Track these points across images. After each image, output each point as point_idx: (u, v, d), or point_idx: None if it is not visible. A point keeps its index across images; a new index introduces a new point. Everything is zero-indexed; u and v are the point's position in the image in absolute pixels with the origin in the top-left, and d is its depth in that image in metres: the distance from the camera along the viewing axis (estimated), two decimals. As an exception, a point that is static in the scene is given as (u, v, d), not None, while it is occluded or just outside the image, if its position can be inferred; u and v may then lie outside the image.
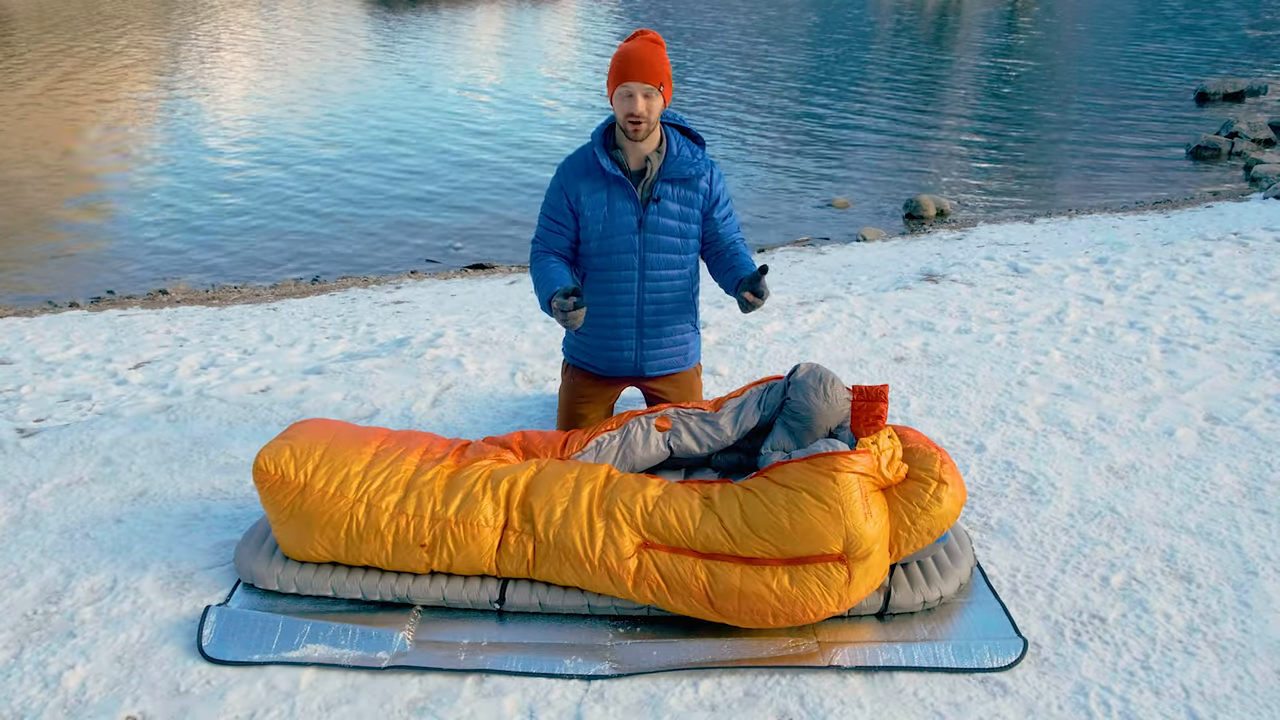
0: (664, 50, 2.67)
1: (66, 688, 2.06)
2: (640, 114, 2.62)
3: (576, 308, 2.54)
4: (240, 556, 2.42)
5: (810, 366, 2.72)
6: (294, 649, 2.15)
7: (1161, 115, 13.84)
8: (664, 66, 2.64)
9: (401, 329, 5.00)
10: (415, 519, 2.31)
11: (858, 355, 3.87)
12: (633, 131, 2.65)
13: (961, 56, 20.10)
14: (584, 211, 2.80)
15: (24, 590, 2.39)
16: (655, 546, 2.24)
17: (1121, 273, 4.93)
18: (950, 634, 2.20)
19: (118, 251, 8.59)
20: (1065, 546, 2.54)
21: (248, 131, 13.12)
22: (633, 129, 2.65)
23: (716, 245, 2.91)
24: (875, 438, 2.30)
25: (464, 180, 10.85)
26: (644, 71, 2.60)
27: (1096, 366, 3.69)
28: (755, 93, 15.95)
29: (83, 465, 3.03)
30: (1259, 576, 2.40)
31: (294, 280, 7.91)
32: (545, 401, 3.48)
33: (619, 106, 2.65)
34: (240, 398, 3.55)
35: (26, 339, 5.47)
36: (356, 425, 2.76)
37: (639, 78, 2.60)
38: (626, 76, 2.60)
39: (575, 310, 2.55)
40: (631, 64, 2.60)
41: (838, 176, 10.93)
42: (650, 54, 2.62)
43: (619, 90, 2.63)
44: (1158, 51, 20.08)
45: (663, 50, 2.67)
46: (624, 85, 2.61)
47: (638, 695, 2.04)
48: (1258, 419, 3.23)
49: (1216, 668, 2.10)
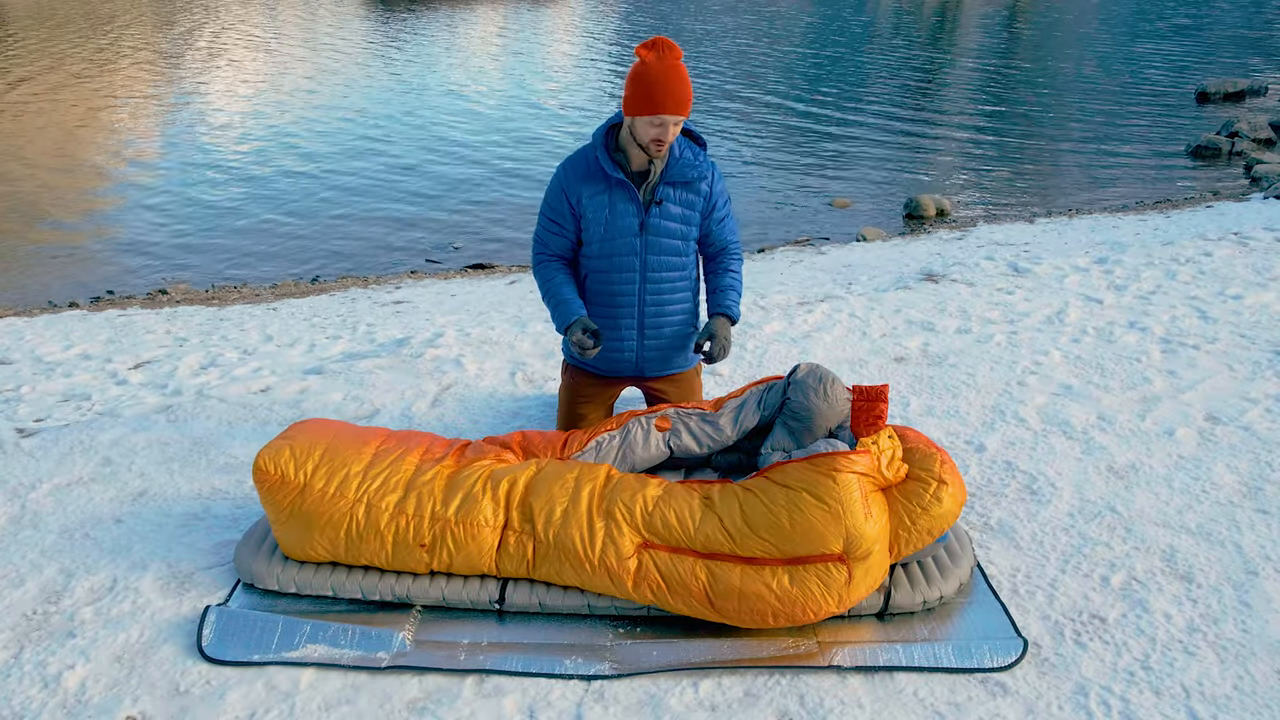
0: (685, 68, 2.59)
1: (66, 688, 2.06)
2: (669, 141, 2.61)
3: (595, 347, 2.73)
4: (240, 556, 2.42)
5: (810, 366, 2.72)
6: (294, 649, 2.15)
7: (1161, 115, 13.83)
8: (690, 88, 2.58)
9: (401, 329, 5.00)
10: (415, 519, 2.31)
11: (858, 355, 3.87)
12: (655, 152, 2.65)
13: (961, 56, 20.10)
14: (586, 214, 2.79)
15: (24, 590, 2.39)
16: (655, 546, 2.24)
17: (1121, 273, 4.93)
18: (950, 634, 2.20)
19: (117, 251, 8.59)
20: (1065, 546, 2.54)
21: (248, 131, 13.12)
22: (655, 150, 2.64)
23: (709, 249, 2.93)
24: (875, 438, 2.30)
25: (464, 180, 10.85)
26: (678, 103, 2.55)
27: (1096, 366, 3.69)
28: (755, 92, 15.95)
29: (82, 465, 3.03)
30: (1259, 576, 2.40)
31: (294, 280, 7.91)
32: (545, 401, 3.48)
33: (645, 130, 2.60)
34: (240, 398, 3.55)
35: (26, 339, 5.47)
36: (356, 425, 2.76)
37: (673, 110, 2.55)
38: (660, 108, 2.54)
39: (593, 349, 2.73)
40: (664, 94, 2.53)
41: (838, 176, 10.93)
42: (679, 81, 2.55)
43: (650, 118, 2.57)
44: (1158, 51, 20.07)
45: (685, 70, 2.59)
46: (657, 115, 2.55)
47: (638, 695, 2.05)
48: (1258, 419, 3.23)
49: (1216, 668, 2.10)
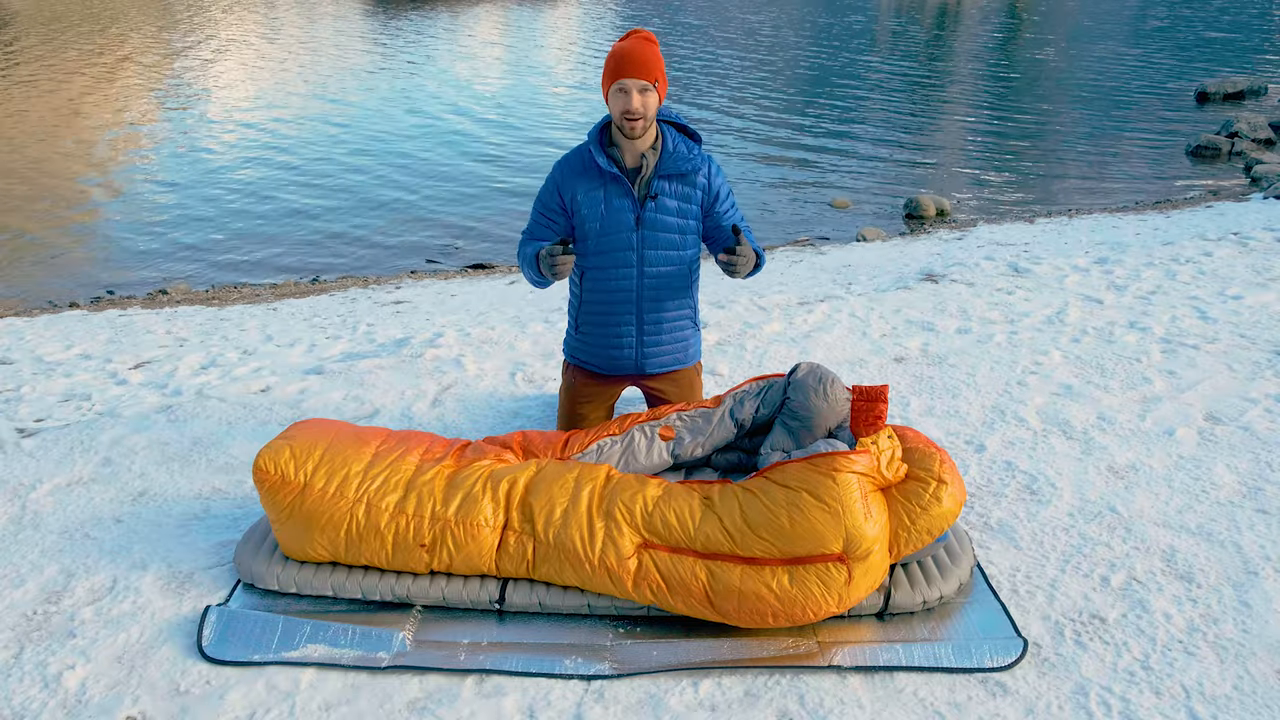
0: (658, 47, 2.67)
1: (66, 688, 2.06)
2: (636, 110, 2.61)
3: (566, 253, 2.58)
4: (240, 556, 2.42)
5: (810, 366, 2.72)
6: (294, 649, 2.15)
7: (1161, 115, 13.84)
8: (658, 63, 2.64)
9: (401, 329, 5.00)
10: (415, 519, 2.31)
11: (858, 355, 3.87)
12: (629, 128, 2.65)
13: (961, 56, 20.09)
14: (581, 210, 2.79)
15: (24, 590, 2.39)
16: (655, 546, 2.24)
17: (1121, 273, 4.93)
18: (950, 634, 2.20)
19: (118, 251, 8.60)
20: (1065, 546, 2.54)
21: (247, 131, 13.12)
22: (629, 125, 2.64)
23: (721, 236, 2.88)
24: (875, 438, 2.30)
25: (464, 180, 10.85)
26: (638, 68, 2.60)
27: (1096, 366, 3.69)
28: (755, 92, 15.95)
29: (83, 465, 3.03)
30: (1259, 576, 2.40)
31: (294, 280, 7.91)
32: (545, 401, 3.48)
33: (615, 104, 2.65)
34: (240, 398, 3.55)
35: (26, 339, 5.47)
36: (356, 425, 2.76)
37: (634, 74, 2.60)
38: (621, 74, 2.61)
39: (564, 255, 2.59)
40: (626, 61, 2.60)
41: (838, 176, 10.93)
42: (644, 51, 2.62)
43: (614, 87, 2.63)
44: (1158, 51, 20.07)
45: (656, 47, 2.67)
46: (619, 82, 2.61)
47: (638, 695, 2.04)
48: (1258, 419, 3.23)
49: (1216, 668, 2.10)
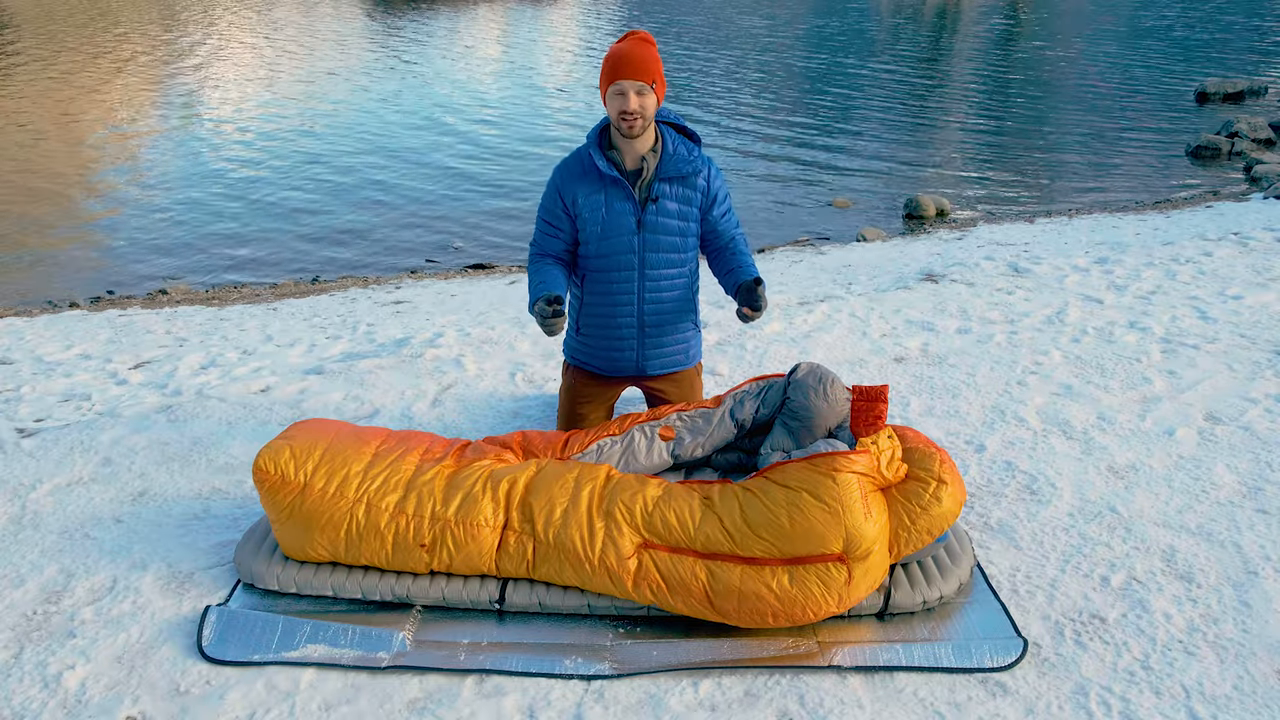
0: (655, 48, 2.67)
1: (66, 688, 2.06)
2: (633, 110, 2.61)
3: (555, 315, 2.58)
4: (240, 556, 2.42)
5: (810, 366, 2.72)
6: (294, 649, 2.15)
7: (1161, 115, 13.84)
8: (655, 64, 2.64)
9: (401, 329, 5.00)
10: (415, 519, 2.31)
11: (858, 355, 3.87)
12: (627, 129, 2.65)
13: (961, 56, 20.10)
14: (582, 213, 2.79)
15: (24, 590, 2.39)
16: (655, 546, 2.24)
17: (1121, 273, 4.93)
18: (950, 634, 2.20)
19: (118, 251, 8.59)
20: (1065, 546, 2.54)
21: (248, 131, 13.12)
22: (627, 126, 2.64)
23: (716, 242, 2.91)
24: (875, 438, 2.30)
25: (464, 180, 10.85)
26: (635, 69, 2.60)
27: (1096, 366, 3.69)
28: (755, 93, 15.95)
29: (83, 465, 3.03)
30: (1259, 576, 2.40)
31: (294, 280, 7.91)
32: (545, 401, 3.48)
33: (612, 105, 2.65)
34: (240, 398, 3.55)
35: (26, 339, 5.47)
36: (356, 425, 2.76)
37: (630, 75, 2.60)
38: (618, 75, 2.61)
39: (554, 319, 2.59)
40: (622, 62, 2.60)
41: (838, 176, 10.93)
42: (641, 52, 2.62)
43: (611, 89, 2.63)
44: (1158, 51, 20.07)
45: (654, 48, 2.67)
46: (616, 84, 2.61)
47: (638, 695, 2.04)
48: (1258, 419, 3.23)
49: (1216, 668, 2.10)
